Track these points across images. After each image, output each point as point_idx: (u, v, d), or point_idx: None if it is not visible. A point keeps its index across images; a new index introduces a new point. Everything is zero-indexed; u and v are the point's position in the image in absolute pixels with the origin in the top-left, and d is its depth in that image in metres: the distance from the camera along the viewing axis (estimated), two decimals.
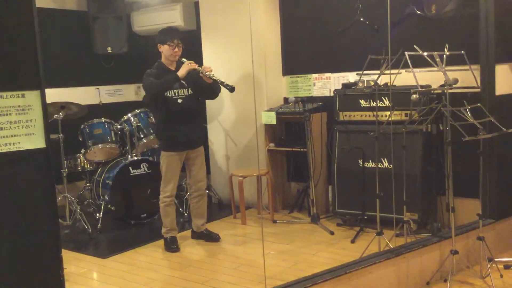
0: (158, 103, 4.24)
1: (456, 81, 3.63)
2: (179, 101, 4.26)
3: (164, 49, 4.26)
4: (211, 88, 4.29)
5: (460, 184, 4.06)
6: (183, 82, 4.27)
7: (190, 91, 4.32)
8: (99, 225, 4.92)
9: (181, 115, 4.26)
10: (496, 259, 3.66)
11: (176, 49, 4.24)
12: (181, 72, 4.16)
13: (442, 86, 3.54)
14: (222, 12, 5.50)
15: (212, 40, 5.65)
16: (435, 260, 3.59)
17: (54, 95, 5.06)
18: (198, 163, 4.45)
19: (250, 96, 5.32)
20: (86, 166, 5.40)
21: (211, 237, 4.55)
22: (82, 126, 5.27)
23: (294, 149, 5.12)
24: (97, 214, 5.04)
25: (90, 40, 6.09)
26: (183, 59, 4.28)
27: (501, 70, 3.90)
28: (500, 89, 3.88)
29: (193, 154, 4.40)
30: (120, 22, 6.15)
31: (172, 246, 4.36)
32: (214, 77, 4.17)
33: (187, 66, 4.18)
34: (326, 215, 5.06)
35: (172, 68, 4.29)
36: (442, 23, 4.32)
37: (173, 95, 4.24)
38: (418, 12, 4.38)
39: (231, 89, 4.12)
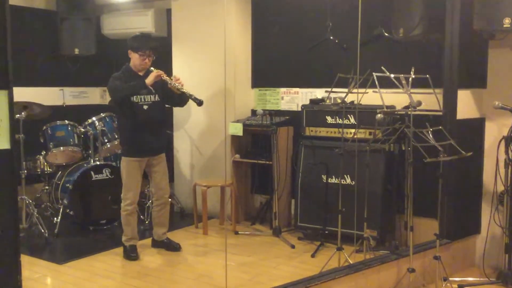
0: (123, 107, 4.18)
1: (419, 103, 3.73)
2: (145, 107, 4.20)
3: (134, 57, 4.19)
4: (179, 98, 4.26)
5: (418, 203, 4.16)
6: (151, 88, 4.20)
7: (157, 97, 4.27)
8: (56, 230, 4.80)
9: (146, 122, 4.20)
10: (450, 279, 3.76)
11: (147, 60, 4.18)
12: (149, 80, 4.10)
13: (406, 107, 3.64)
14: (194, 21, 5.50)
15: (183, 49, 5.64)
16: (393, 278, 3.66)
17: (16, 94, 4.84)
18: (160, 170, 4.40)
19: (218, 107, 5.33)
20: (46, 169, 5.27)
21: (172, 246, 4.50)
22: (44, 127, 5.15)
23: (259, 162, 5.15)
24: (55, 218, 4.92)
25: (57, 41, 5.96)
26: (151, 68, 4.22)
27: (463, 95, 4.04)
28: (461, 113, 4.02)
29: (155, 160, 4.35)
30: (89, 24, 6.04)
31: (131, 254, 4.29)
32: (182, 89, 4.14)
33: (155, 74, 4.12)
34: (287, 228, 5.08)
35: (141, 73, 4.24)
36: (409, 46, 4.45)
37: (139, 100, 4.18)
38: (386, 34, 4.50)
39: (199, 103, 4.10)
